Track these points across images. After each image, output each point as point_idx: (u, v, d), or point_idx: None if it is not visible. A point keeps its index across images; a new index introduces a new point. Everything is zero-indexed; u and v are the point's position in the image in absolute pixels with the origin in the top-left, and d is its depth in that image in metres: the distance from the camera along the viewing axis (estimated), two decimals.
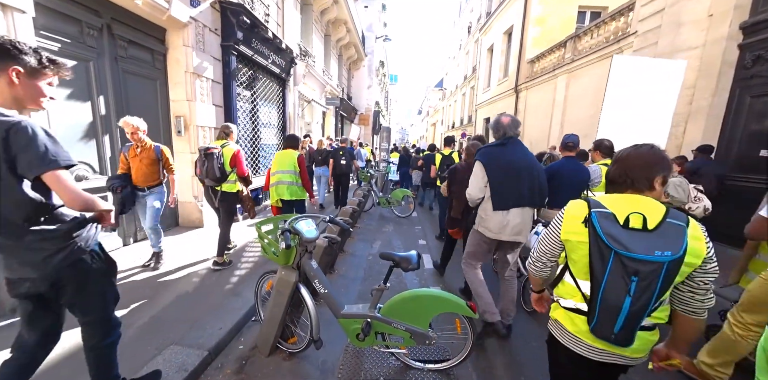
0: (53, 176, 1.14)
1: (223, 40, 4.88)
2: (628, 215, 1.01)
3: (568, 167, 3.09)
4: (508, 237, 2.35)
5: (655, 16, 6.74)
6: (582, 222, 1.09)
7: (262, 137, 6.74)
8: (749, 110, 5.59)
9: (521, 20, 12.58)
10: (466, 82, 22.94)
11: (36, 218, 1.18)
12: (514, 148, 2.35)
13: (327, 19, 11.01)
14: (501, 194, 2.30)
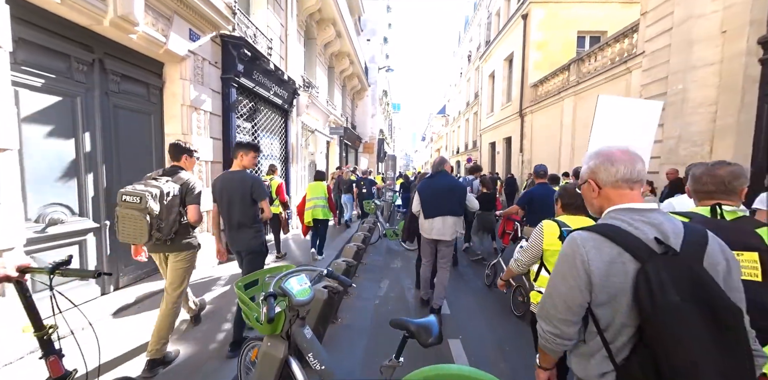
0: (264, 202, 2.67)
1: (224, 72, 4.80)
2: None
3: (541, 191, 3.68)
4: (436, 236, 3.39)
5: (664, 36, 6.59)
6: (558, 238, 1.74)
7: (263, 169, 6.52)
8: None
9: (521, 46, 12.78)
10: (469, 108, 23.22)
11: (253, 221, 2.64)
12: (440, 178, 3.49)
13: (330, 52, 11.29)
14: (428, 208, 3.42)
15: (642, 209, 0.99)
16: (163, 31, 3.52)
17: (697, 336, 0.78)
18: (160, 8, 3.49)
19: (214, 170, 4.65)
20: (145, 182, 2.28)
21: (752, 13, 5.37)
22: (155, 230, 2.17)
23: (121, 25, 3.00)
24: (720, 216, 1.32)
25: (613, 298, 0.91)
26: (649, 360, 0.84)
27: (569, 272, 0.96)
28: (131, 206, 2.13)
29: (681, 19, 6.18)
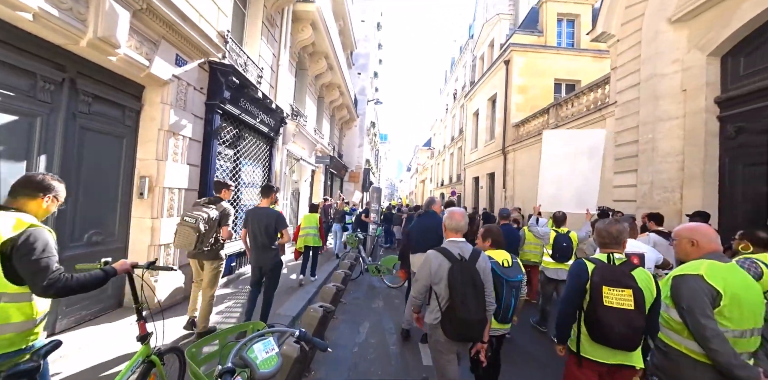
0: (285, 230, 3.60)
1: (209, 98, 4.67)
2: (502, 259, 2.50)
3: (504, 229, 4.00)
4: None
5: (632, 89, 7.03)
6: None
7: (243, 197, 6.22)
8: (744, 178, 5.46)
9: (504, 89, 13.50)
10: (454, 143, 23.94)
11: (273, 243, 3.52)
12: (428, 217, 3.94)
13: (321, 83, 11.54)
14: (416, 244, 3.78)
15: (457, 241, 2.22)
16: (147, 55, 3.40)
17: (467, 293, 1.96)
18: (146, 33, 3.39)
19: (188, 199, 4.34)
20: (198, 208, 3.25)
21: (707, 76, 5.87)
22: (200, 243, 3.10)
23: (100, 47, 2.85)
24: (612, 262, 1.97)
25: (440, 280, 2.04)
26: (450, 306, 1.99)
27: (424, 268, 2.12)
28: (188, 225, 3.09)
29: (647, 77, 6.63)
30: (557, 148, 5.07)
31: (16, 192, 1.48)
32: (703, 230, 1.94)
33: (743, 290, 1.71)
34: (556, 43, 13.43)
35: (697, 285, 1.71)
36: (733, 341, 1.64)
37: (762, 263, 2.44)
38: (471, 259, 2.07)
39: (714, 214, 5.58)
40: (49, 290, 1.35)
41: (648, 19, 6.70)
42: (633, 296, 1.81)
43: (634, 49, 7.06)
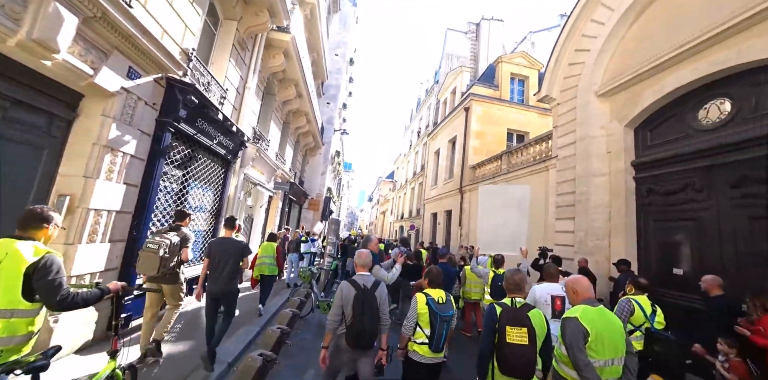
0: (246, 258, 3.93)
1: (161, 115, 4.36)
2: (438, 297, 2.78)
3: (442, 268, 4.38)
4: None
5: (570, 146, 7.86)
6: (425, 304, 2.72)
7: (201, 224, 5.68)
8: (654, 232, 6.21)
9: (463, 133, 14.46)
10: (415, 178, 24.65)
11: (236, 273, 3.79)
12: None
13: (288, 109, 11.51)
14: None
15: (363, 274, 2.80)
16: (93, 64, 3.13)
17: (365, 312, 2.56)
18: (96, 41, 3.16)
19: (119, 223, 3.84)
20: (160, 235, 3.43)
21: (625, 142, 6.85)
22: (162, 267, 3.29)
23: (32, 49, 2.57)
24: (514, 305, 2.41)
25: (348, 303, 2.60)
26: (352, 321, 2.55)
27: (339, 295, 2.67)
28: (151, 250, 3.28)
29: (581, 137, 7.53)
30: (491, 200, 5.84)
31: (26, 225, 1.81)
32: (581, 281, 2.46)
33: (605, 328, 2.20)
34: (510, 98, 14.94)
35: (574, 326, 2.19)
36: (599, 369, 2.11)
37: (636, 302, 3.34)
38: (371, 288, 2.71)
39: (634, 260, 6.19)
40: (62, 303, 1.73)
41: (581, 90, 7.76)
42: (528, 333, 2.21)
43: (571, 112, 8.02)
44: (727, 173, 5.12)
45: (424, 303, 2.70)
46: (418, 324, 2.74)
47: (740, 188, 4.94)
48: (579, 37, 7.98)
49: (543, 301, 3.51)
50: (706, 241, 5.25)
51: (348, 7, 21.93)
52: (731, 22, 4.93)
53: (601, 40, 7.32)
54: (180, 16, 4.50)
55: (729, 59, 5.03)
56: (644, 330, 3.25)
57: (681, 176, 5.80)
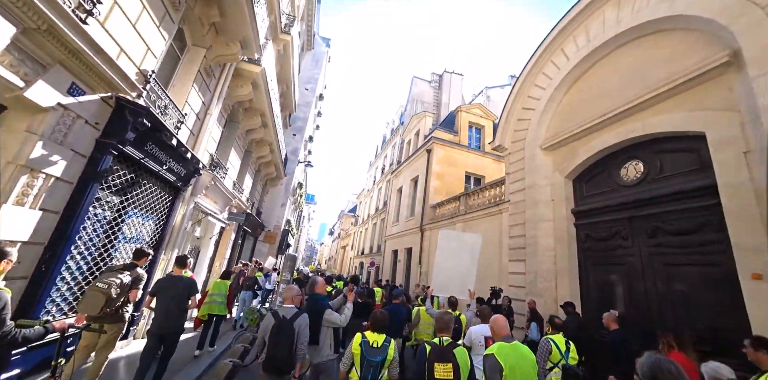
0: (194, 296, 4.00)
1: (103, 136, 4.00)
2: (373, 341, 2.86)
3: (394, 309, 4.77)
4: None
5: (520, 192, 8.46)
6: (359, 345, 2.83)
7: (117, 255, 4.98)
8: (593, 274, 6.69)
9: (425, 173, 15.00)
10: (378, 214, 24.63)
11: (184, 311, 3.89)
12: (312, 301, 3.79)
13: (252, 138, 11.26)
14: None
15: (287, 306, 3.19)
16: (26, 77, 2.84)
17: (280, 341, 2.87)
18: (36, 53, 2.91)
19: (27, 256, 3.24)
20: (112, 274, 3.33)
21: (566, 192, 7.56)
22: (106, 307, 3.18)
23: None
24: (441, 343, 2.68)
25: (266, 332, 2.96)
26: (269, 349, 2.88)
27: (261, 325, 3.07)
28: (99, 290, 3.17)
29: (529, 185, 8.19)
30: (448, 244, 6.25)
31: None
32: (498, 321, 2.84)
33: (518, 362, 2.53)
34: (468, 144, 16.06)
35: (492, 361, 2.52)
36: None
37: (552, 341, 3.66)
38: (291, 319, 2.94)
39: (578, 301, 6.52)
40: (2, 341, 1.70)
41: (528, 143, 8.60)
42: (452, 369, 2.49)
43: (520, 161, 8.76)
44: (645, 224, 5.81)
45: (358, 344, 2.85)
46: (353, 362, 2.88)
47: (655, 237, 5.63)
48: (525, 97, 9.02)
49: (478, 342, 3.81)
50: (633, 283, 5.77)
51: (322, 47, 23.13)
52: (635, 102, 5.96)
53: (543, 102, 8.33)
54: (142, 38, 4.37)
55: (637, 129, 5.98)
56: (561, 367, 3.59)
57: (611, 225, 6.46)
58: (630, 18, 6.43)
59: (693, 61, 5.26)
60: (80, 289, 4.20)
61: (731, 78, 4.80)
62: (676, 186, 5.37)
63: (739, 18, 4.67)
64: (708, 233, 4.85)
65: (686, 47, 5.52)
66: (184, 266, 4.11)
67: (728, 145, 4.65)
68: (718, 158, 4.73)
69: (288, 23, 11.04)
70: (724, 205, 4.55)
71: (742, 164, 4.45)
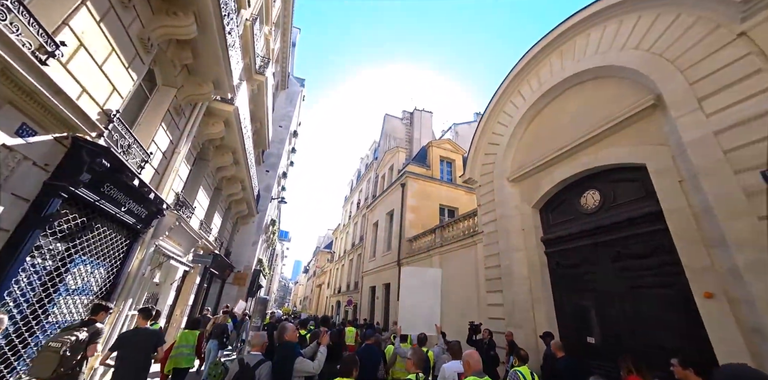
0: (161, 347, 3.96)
1: (54, 178, 3.72)
2: None
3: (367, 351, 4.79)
4: None
5: (492, 223, 8.67)
6: None
7: (56, 310, 4.38)
8: (567, 303, 6.76)
9: (400, 206, 15.10)
10: (354, 249, 24.04)
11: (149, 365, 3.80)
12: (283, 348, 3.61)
13: (222, 176, 10.98)
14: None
15: (253, 353, 3.28)
16: None
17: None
18: None
19: None
20: (68, 332, 3.20)
21: (534, 221, 7.86)
22: (60, 368, 2.98)
23: None
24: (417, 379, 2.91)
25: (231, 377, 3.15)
26: None
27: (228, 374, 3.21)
28: (52, 350, 3.00)
29: (500, 215, 8.43)
30: (411, 281, 6.37)
31: None
32: (473, 355, 3.03)
33: None
34: (440, 177, 16.56)
35: None
36: None
37: (520, 373, 3.73)
38: (253, 367, 3.03)
39: (556, 329, 6.51)
40: None
41: (496, 176, 9.04)
42: None
43: (490, 193, 9.09)
44: (608, 249, 6.08)
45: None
46: None
47: (619, 262, 5.87)
48: (490, 134, 9.64)
49: (451, 379, 3.83)
50: (605, 308, 5.89)
51: (296, 86, 23.95)
52: (585, 138, 6.58)
53: (507, 138, 8.92)
54: (108, 79, 4.32)
55: (589, 162, 6.54)
56: None
57: (578, 252, 6.71)
58: (572, 66, 7.31)
59: (628, 102, 5.98)
60: (2, 354, 3.59)
61: (659, 117, 5.48)
62: (628, 213, 5.79)
63: (655, 70, 5.49)
64: (662, 255, 5.16)
65: (621, 91, 6.29)
66: (149, 317, 4.03)
67: (665, 175, 5.18)
68: (659, 186, 5.24)
69: (263, 65, 11.45)
70: (671, 229, 4.93)
71: (679, 191, 4.94)
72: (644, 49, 5.77)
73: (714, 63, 4.70)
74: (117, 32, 4.27)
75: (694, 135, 4.74)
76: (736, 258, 4.02)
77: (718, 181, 4.37)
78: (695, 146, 4.70)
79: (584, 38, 7.13)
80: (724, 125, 4.42)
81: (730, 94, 4.43)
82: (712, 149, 4.48)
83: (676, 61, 5.20)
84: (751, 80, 4.26)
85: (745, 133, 4.18)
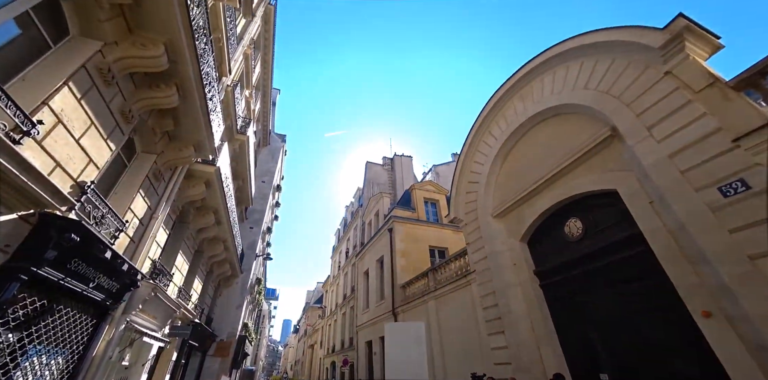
0: None
1: (14, 259, 3.45)
2: None
3: None
4: None
5: (484, 261, 8.58)
6: None
7: None
8: (573, 338, 6.50)
9: (389, 252, 14.77)
10: (346, 301, 22.73)
11: None
12: None
13: (204, 237, 10.56)
14: None
15: None
16: None
17: None
18: None
19: None
20: None
21: (524, 254, 7.86)
22: None
23: None
24: None
25: None
26: None
27: None
28: None
29: (490, 252, 8.43)
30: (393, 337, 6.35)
31: None
32: None
33: None
34: (426, 218, 16.62)
35: None
36: None
37: None
38: None
39: (565, 370, 6.14)
40: None
41: (480, 213, 9.22)
42: None
43: (477, 231, 9.14)
44: (599, 276, 6.04)
45: None
46: None
47: (612, 288, 5.80)
48: (469, 173, 10.04)
49: None
50: (611, 340, 5.66)
51: (277, 142, 24.66)
52: (555, 171, 7.02)
53: (485, 176, 9.30)
54: (85, 151, 4.30)
55: (564, 192, 6.86)
56: None
57: (571, 282, 6.66)
58: (533, 107, 8.05)
59: (588, 134, 6.55)
60: None
61: (618, 146, 5.97)
62: (611, 238, 5.92)
63: (605, 105, 6.12)
64: (653, 277, 5.14)
65: (581, 125, 6.89)
66: None
67: (636, 197, 5.45)
68: (633, 209, 5.48)
69: (244, 125, 11.85)
70: (654, 249, 5.02)
71: (651, 212, 5.16)
72: (592, 89, 6.50)
73: (651, 97, 5.34)
74: (98, 107, 4.38)
75: (651, 159, 5.16)
76: (721, 273, 4.07)
77: (683, 199, 4.63)
78: (655, 169, 5.07)
79: (539, 82, 7.99)
80: (674, 148, 4.86)
81: (672, 122, 4.97)
82: (670, 170, 4.85)
83: (621, 96, 5.87)
84: (686, 109, 4.83)
85: (695, 154, 4.61)
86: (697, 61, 4.94)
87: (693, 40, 5.02)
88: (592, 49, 6.56)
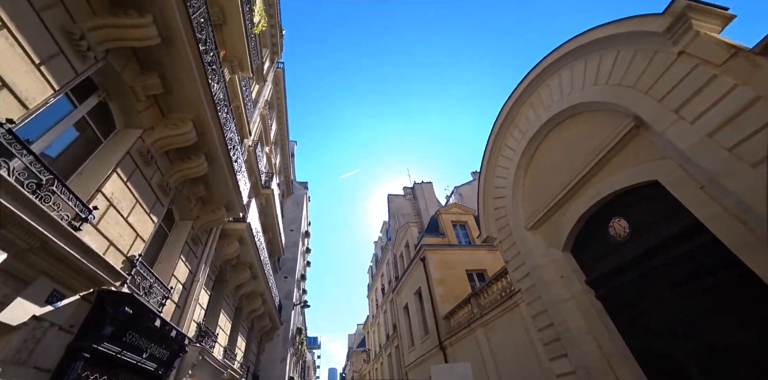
0: None
1: (78, 339, 3.65)
2: None
3: None
4: None
5: (527, 278, 8.05)
6: None
7: None
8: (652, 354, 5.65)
9: (426, 282, 14.27)
10: (390, 341, 21.65)
11: None
12: None
13: (242, 293, 10.69)
14: None
15: None
16: (3, 298, 2.75)
17: None
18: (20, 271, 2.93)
19: None
20: None
21: (570, 265, 7.23)
22: None
23: None
24: None
25: None
26: None
27: None
28: None
29: (532, 267, 7.91)
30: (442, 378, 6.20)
31: None
32: None
33: None
34: (457, 242, 16.16)
35: None
36: None
37: None
38: None
39: None
40: None
41: (513, 228, 8.82)
42: None
43: (514, 247, 8.72)
44: (660, 278, 5.44)
45: None
46: None
47: (678, 289, 5.18)
48: (493, 189, 9.83)
49: None
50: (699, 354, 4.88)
51: (300, 190, 25.55)
52: (584, 171, 6.71)
53: (510, 189, 9.07)
54: (132, 227, 4.67)
55: (600, 192, 6.46)
56: None
57: (630, 287, 5.95)
58: (545, 113, 7.97)
59: (609, 130, 6.23)
60: None
61: (646, 135, 5.66)
62: (664, 232, 5.38)
63: (622, 97, 5.92)
64: (727, 269, 4.57)
65: (599, 122, 6.66)
66: None
67: (683, 185, 5.02)
68: (682, 198, 5.01)
69: (267, 179, 12.50)
70: (721, 238, 4.48)
71: (706, 197, 4.69)
72: (603, 84, 6.33)
73: (670, 80, 5.09)
74: (141, 186, 4.84)
75: (689, 142, 4.81)
76: None
77: (740, 178, 4.22)
78: (696, 151, 4.70)
79: (546, 89, 7.98)
80: (712, 127, 4.51)
81: (701, 100, 4.66)
82: (715, 149, 4.48)
83: (636, 85, 5.66)
84: (713, 85, 4.53)
85: (738, 128, 4.24)
86: (710, 35, 4.66)
87: (698, 16, 4.77)
88: (594, 46, 6.49)
